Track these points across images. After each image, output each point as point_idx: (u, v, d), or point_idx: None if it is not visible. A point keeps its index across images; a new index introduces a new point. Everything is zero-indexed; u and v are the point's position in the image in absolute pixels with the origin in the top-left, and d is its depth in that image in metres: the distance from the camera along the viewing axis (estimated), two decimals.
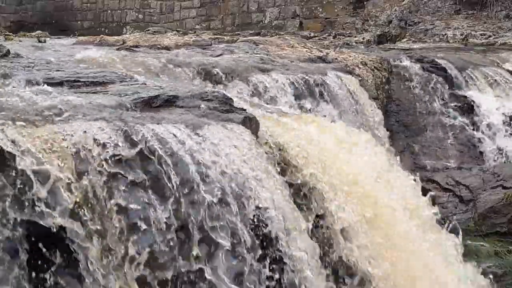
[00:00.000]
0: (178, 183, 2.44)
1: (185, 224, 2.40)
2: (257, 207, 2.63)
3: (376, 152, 3.66)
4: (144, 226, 2.30)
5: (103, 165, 2.32)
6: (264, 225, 2.63)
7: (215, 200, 2.49)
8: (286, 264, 2.64)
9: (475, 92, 6.93)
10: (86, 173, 2.27)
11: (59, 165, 2.20)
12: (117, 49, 6.01)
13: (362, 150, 3.50)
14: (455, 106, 6.80)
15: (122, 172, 2.35)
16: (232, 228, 2.49)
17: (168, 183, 2.42)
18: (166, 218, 2.35)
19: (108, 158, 2.34)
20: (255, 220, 2.61)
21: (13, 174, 2.09)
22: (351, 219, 3.03)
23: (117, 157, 2.37)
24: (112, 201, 2.28)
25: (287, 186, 2.93)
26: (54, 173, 2.16)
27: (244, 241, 2.52)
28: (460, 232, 3.77)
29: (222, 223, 2.47)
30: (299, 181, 3.04)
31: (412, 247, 3.30)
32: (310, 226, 2.90)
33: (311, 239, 2.88)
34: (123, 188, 2.32)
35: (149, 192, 2.37)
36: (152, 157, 2.44)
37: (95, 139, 2.38)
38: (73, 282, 2.13)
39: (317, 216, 3.00)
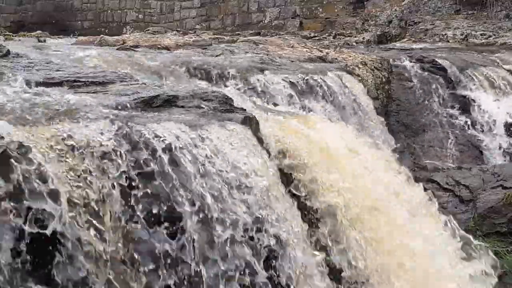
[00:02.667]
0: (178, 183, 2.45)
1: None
2: None
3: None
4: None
5: (103, 165, 2.31)
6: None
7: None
8: None
9: (475, 92, 6.93)
10: (86, 173, 2.27)
11: (60, 165, 2.20)
12: (117, 49, 6.02)
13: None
14: (455, 106, 6.80)
15: (122, 172, 2.35)
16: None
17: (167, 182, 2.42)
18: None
19: (108, 157, 2.34)
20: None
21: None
22: None
23: (117, 157, 2.37)
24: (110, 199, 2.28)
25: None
26: (55, 174, 2.16)
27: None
28: None
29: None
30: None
31: None
32: None
33: None
34: (123, 187, 2.33)
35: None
36: (152, 157, 2.45)
37: (95, 139, 2.37)
38: None
39: None
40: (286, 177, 3.09)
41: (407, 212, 3.51)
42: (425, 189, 4.13)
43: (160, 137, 2.54)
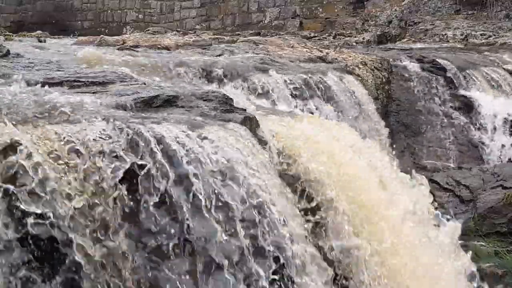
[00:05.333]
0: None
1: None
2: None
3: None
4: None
5: (102, 165, 2.31)
6: None
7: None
8: None
9: (475, 92, 6.94)
10: (85, 173, 2.26)
11: (58, 166, 2.20)
12: (117, 49, 6.02)
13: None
14: (455, 106, 6.81)
15: (122, 172, 2.35)
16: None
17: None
18: None
19: (107, 157, 2.34)
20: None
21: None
22: None
23: (116, 157, 2.36)
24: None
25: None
26: (53, 174, 2.16)
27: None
28: None
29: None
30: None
31: None
32: None
33: None
34: (122, 188, 2.32)
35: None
36: (152, 157, 2.44)
37: (95, 139, 2.37)
38: None
39: None
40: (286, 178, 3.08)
41: None
42: None
43: (160, 137, 2.54)
